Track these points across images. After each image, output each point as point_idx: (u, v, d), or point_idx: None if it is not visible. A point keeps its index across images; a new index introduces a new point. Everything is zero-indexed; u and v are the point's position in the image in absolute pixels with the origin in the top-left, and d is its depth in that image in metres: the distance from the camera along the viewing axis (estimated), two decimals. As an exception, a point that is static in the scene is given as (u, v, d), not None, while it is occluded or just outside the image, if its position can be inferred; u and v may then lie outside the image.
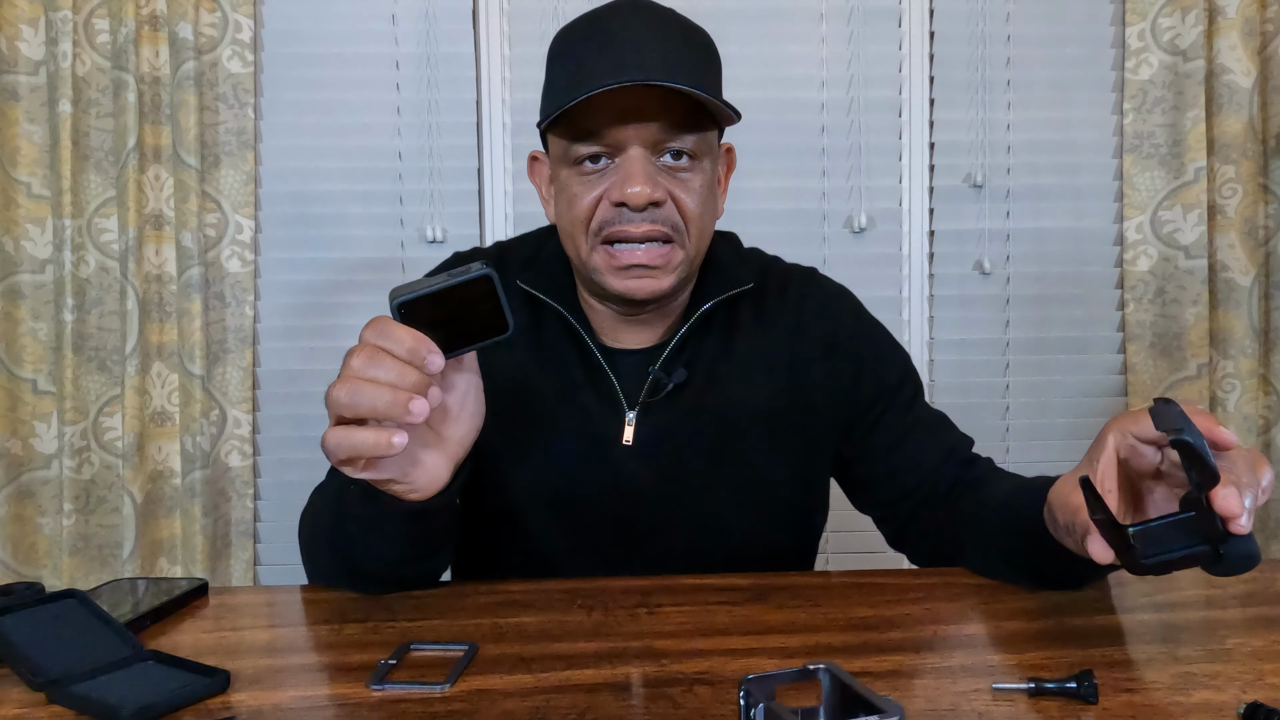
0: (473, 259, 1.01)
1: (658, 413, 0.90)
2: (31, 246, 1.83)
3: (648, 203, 0.82)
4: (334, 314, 1.92)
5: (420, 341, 0.63)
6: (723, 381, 0.92)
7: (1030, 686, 0.59)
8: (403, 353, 0.63)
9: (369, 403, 0.62)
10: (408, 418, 0.62)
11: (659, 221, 0.83)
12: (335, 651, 0.69)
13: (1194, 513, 0.57)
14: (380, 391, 0.62)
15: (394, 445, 0.62)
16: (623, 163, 0.82)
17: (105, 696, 0.58)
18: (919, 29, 1.95)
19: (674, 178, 0.84)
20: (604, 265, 0.85)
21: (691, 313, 0.92)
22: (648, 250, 0.83)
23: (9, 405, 1.84)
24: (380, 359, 0.63)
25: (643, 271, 0.84)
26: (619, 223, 0.83)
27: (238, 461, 1.87)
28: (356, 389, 0.63)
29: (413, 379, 0.63)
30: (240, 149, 1.86)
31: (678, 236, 0.85)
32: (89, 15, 1.80)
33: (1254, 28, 1.86)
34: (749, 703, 0.48)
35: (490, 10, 1.92)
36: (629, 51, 0.80)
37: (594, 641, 0.69)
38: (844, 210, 1.96)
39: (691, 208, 0.84)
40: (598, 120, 0.81)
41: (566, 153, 0.85)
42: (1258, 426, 1.92)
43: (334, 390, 0.64)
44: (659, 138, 0.82)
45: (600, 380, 0.91)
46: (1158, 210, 1.93)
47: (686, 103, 0.82)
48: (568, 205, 0.86)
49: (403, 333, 0.64)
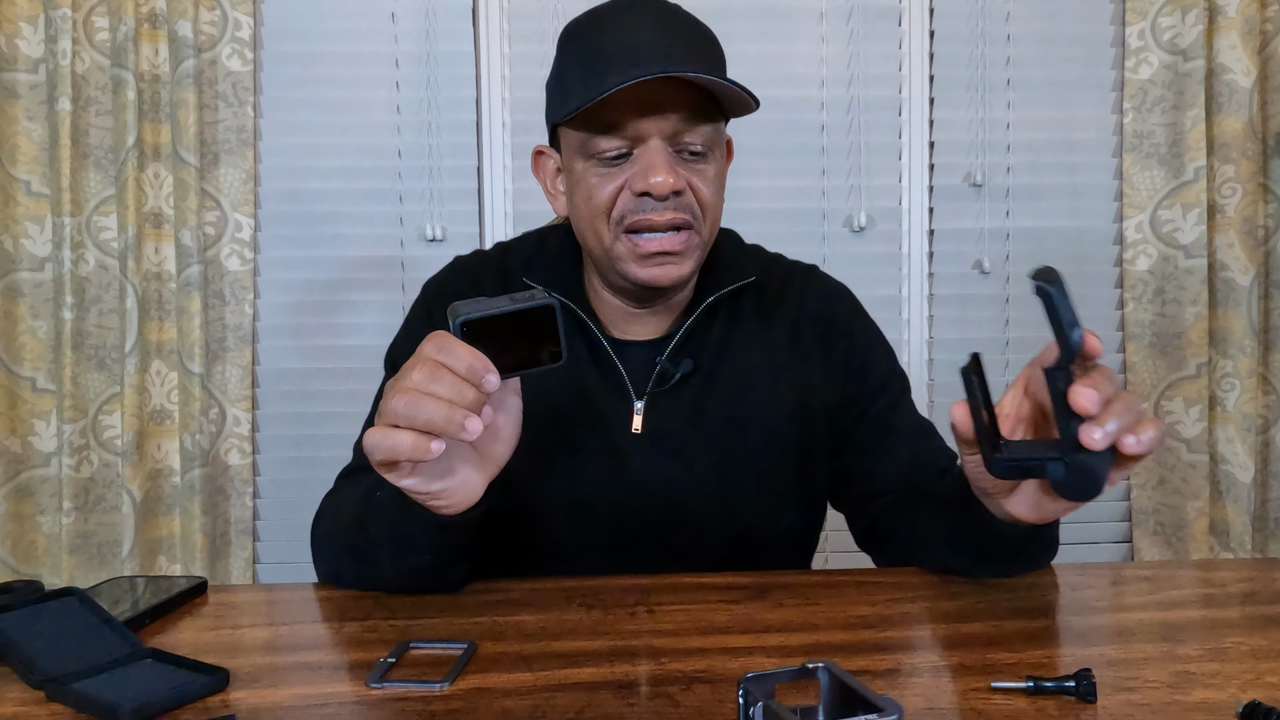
0: (476, 263, 1.02)
1: (665, 402, 0.93)
2: (31, 244, 1.83)
3: (671, 192, 0.84)
4: (333, 312, 1.92)
5: (479, 360, 0.65)
6: (727, 372, 0.95)
7: (1029, 685, 0.59)
8: (462, 370, 0.65)
9: (426, 416, 0.64)
10: (462, 435, 0.64)
11: (680, 209, 0.85)
12: (334, 650, 0.69)
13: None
14: (439, 406, 0.64)
15: (431, 450, 0.64)
16: (643, 154, 0.84)
17: (104, 694, 0.58)
18: (919, 28, 1.95)
19: (691, 167, 0.86)
20: (628, 254, 0.87)
21: (696, 305, 0.94)
22: (671, 238, 0.86)
23: (8, 403, 1.84)
24: (441, 375, 0.65)
25: (665, 259, 0.87)
26: (642, 212, 0.85)
27: (237, 460, 1.87)
28: (416, 401, 0.64)
29: (470, 397, 0.65)
30: (240, 147, 1.86)
31: (696, 223, 0.87)
32: (88, 13, 1.79)
33: (1254, 27, 1.86)
34: (748, 701, 0.48)
35: (490, 8, 1.92)
36: (644, 45, 0.82)
37: (593, 640, 0.69)
38: (844, 209, 1.96)
39: (707, 196, 0.87)
40: (619, 113, 0.83)
41: (585, 146, 0.86)
42: (1257, 426, 1.92)
43: (393, 400, 0.65)
44: (677, 128, 0.84)
45: (608, 371, 0.94)
46: (1157, 209, 1.93)
47: (702, 95, 0.84)
48: (587, 197, 0.87)
49: (463, 350, 0.65)
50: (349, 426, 0.99)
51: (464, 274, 1.01)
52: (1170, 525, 1.94)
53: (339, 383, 1.91)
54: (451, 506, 0.72)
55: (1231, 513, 1.92)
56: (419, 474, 0.69)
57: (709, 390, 0.94)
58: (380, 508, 0.77)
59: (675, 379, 0.93)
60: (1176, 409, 1.93)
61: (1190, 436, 1.92)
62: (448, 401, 0.64)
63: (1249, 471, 1.90)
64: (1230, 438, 1.92)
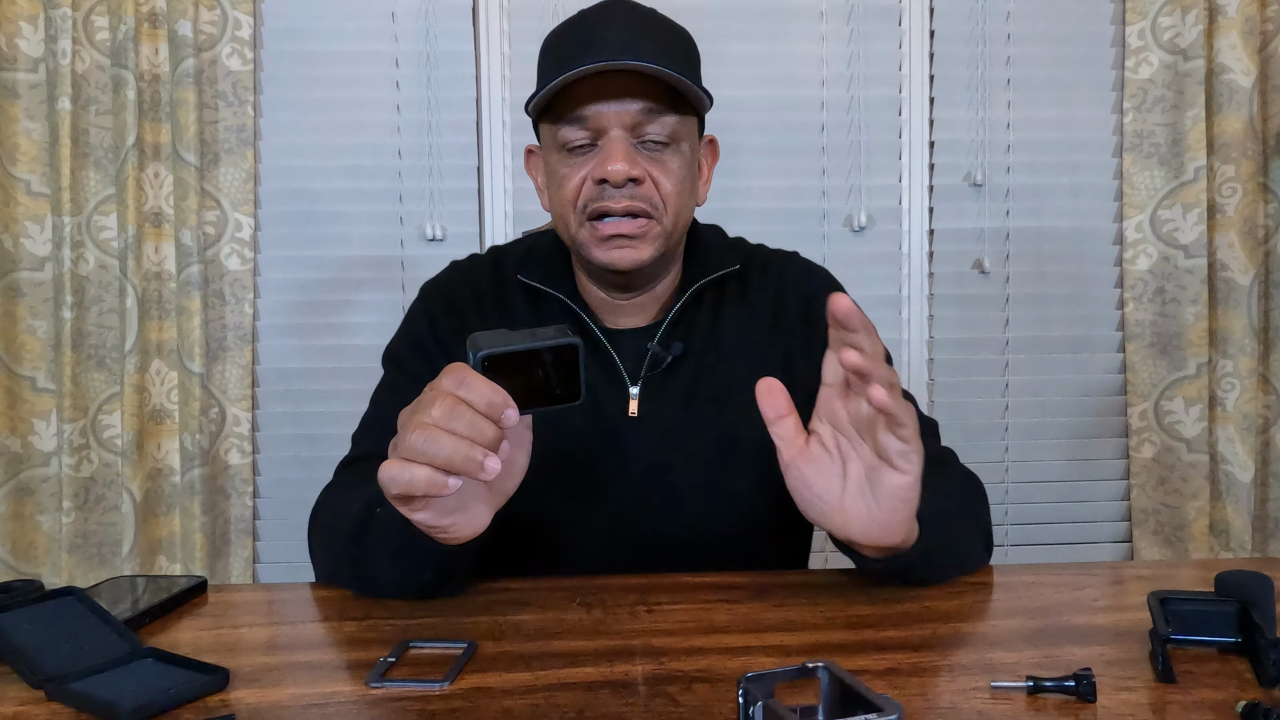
0: (472, 267, 1.04)
1: (658, 386, 0.96)
2: (31, 244, 1.83)
3: (626, 179, 0.87)
4: (333, 312, 1.92)
5: (499, 395, 0.64)
6: (715, 354, 0.98)
7: (1029, 685, 0.59)
8: (482, 406, 0.64)
9: (445, 454, 0.63)
10: (481, 475, 0.63)
11: (637, 198, 0.89)
12: (334, 649, 0.69)
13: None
14: (458, 444, 0.63)
15: (449, 488, 0.63)
16: (604, 144, 0.89)
17: (104, 694, 0.58)
18: (919, 28, 1.95)
19: (652, 159, 0.90)
20: (589, 239, 0.91)
21: (683, 292, 0.98)
22: (627, 222, 0.89)
23: (8, 403, 1.84)
24: (460, 411, 0.63)
25: (623, 241, 0.90)
26: (602, 199, 0.89)
27: (237, 459, 1.87)
28: (434, 438, 0.63)
29: (489, 435, 0.64)
30: (240, 146, 1.86)
31: (655, 213, 0.90)
32: (88, 12, 1.79)
33: (1254, 27, 1.86)
34: (748, 701, 0.48)
35: (490, 8, 1.92)
36: (609, 41, 0.87)
37: (593, 639, 0.69)
38: (844, 209, 1.96)
39: (668, 187, 0.90)
40: (581, 103, 0.87)
41: (555, 138, 0.91)
42: (1257, 426, 1.92)
43: (411, 436, 0.63)
44: (638, 119, 0.88)
45: (603, 359, 0.96)
46: (1157, 209, 1.93)
47: (664, 88, 0.88)
48: (558, 187, 0.92)
49: (484, 386, 0.64)
50: (349, 426, 0.99)
51: (460, 277, 1.03)
52: (1170, 525, 1.94)
53: (339, 382, 1.91)
54: (457, 538, 0.72)
55: (1231, 512, 1.92)
56: (431, 508, 0.68)
57: (700, 372, 0.96)
58: (382, 527, 0.77)
59: (667, 362, 0.95)
60: (1176, 409, 1.93)
61: (1190, 436, 1.92)
62: (467, 439, 0.63)
63: (1249, 471, 1.90)
64: (1230, 437, 1.92)
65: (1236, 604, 0.64)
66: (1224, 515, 1.94)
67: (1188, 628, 0.65)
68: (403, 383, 0.98)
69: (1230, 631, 0.64)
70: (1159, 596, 0.66)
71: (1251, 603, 0.63)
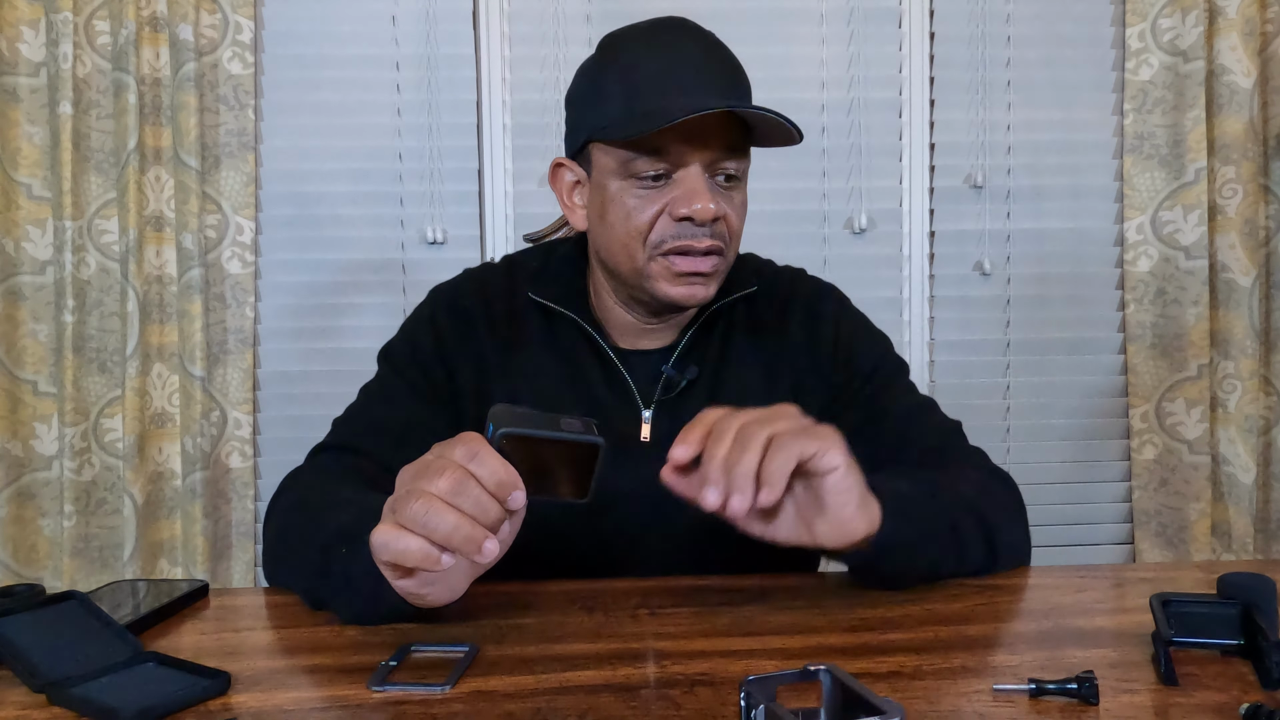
0: (485, 276, 1.02)
1: (672, 409, 0.94)
2: (32, 248, 1.84)
3: (714, 219, 0.87)
4: (335, 315, 1.92)
5: (510, 475, 0.62)
6: (728, 377, 0.97)
7: (1031, 688, 0.59)
8: (491, 484, 0.62)
9: (445, 530, 0.60)
10: (478, 557, 0.61)
11: (717, 236, 0.88)
12: (336, 653, 0.68)
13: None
14: (460, 523, 0.60)
15: (441, 564, 0.61)
16: (684, 179, 0.87)
17: (106, 698, 0.58)
18: (919, 29, 1.95)
19: (724, 194, 0.90)
20: (661, 273, 0.89)
21: (699, 316, 0.97)
22: (704, 260, 0.88)
23: (10, 407, 1.84)
24: (467, 486, 0.61)
25: (695, 279, 0.89)
26: (684, 237, 0.87)
27: (238, 463, 1.87)
28: (437, 511, 0.60)
29: (493, 515, 0.62)
30: (241, 150, 1.86)
31: (726, 249, 0.91)
32: (89, 17, 1.80)
33: (1254, 28, 1.86)
34: (750, 704, 0.48)
35: (490, 11, 1.92)
36: (688, 71, 0.85)
37: (595, 643, 0.69)
38: (844, 211, 1.96)
39: (736, 224, 0.91)
40: (666, 139, 0.85)
41: (625, 166, 0.87)
42: (1258, 427, 1.92)
43: (413, 505, 0.61)
44: (716, 157, 0.87)
45: (616, 382, 0.96)
46: (1158, 211, 1.93)
47: (741, 125, 0.88)
48: (624, 216, 0.89)
49: (496, 463, 0.62)
50: (350, 429, 0.99)
51: (472, 287, 1.01)
52: (1172, 527, 1.94)
53: (340, 385, 1.89)
54: (429, 605, 0.70)
55: (1233, 514, 1.92)
56: (415, 577, 0.66)
57: (713, 396, 0.95)
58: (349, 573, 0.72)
59: (682, 386, 0.95)
60: (1178, 410, 1.93)
61: (1192, 438, 1.92)
62: (469, 518, 0.61)
63: (1251, 473, 1.90)
64: (1232, 439, 1.92)
65: (1239, 606, 0.64)
66: (1226, 517, 1.93)
67: (1190, 630, 0.65)
68: (394, 384, 0.97)
69: (1233, 634, 0.64)
70: (1161, 598, 0.66)
71: (1254, 605, 0.63)
